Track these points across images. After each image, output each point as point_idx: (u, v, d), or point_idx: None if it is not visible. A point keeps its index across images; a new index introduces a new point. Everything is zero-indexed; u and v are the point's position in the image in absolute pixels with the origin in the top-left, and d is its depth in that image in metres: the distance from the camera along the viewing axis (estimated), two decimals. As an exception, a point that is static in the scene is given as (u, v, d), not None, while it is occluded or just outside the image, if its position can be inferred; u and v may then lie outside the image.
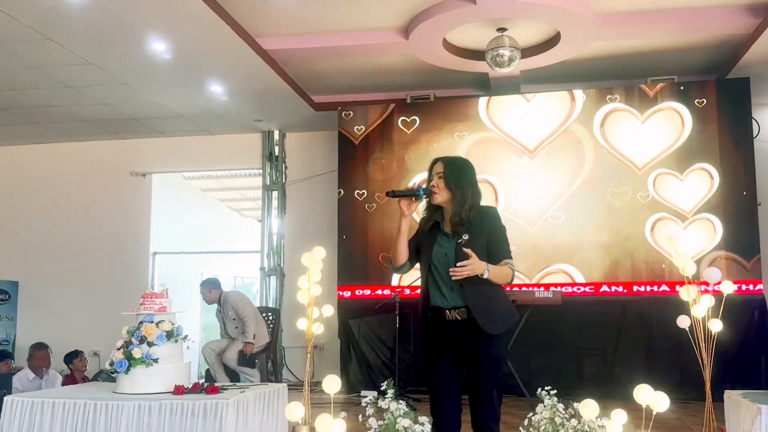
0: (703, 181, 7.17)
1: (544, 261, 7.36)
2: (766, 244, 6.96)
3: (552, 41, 6.83)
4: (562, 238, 7.35)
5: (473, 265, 3.15)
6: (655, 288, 7.08)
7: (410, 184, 7.53)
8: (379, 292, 7.63)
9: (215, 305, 7.65)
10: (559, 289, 6.84)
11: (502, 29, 6.59)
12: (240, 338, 7.37)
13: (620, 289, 7.15)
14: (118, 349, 4.33)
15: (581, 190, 7.41)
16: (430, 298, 3.33)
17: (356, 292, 7.73)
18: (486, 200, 3.46)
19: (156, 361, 4.26)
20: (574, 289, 7.19)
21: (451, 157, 3.52)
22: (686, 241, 6.88)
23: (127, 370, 4.25)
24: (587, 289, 7.19)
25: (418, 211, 3.44)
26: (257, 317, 7.58)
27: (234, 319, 7.44)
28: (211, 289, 7.59)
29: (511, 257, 3.34)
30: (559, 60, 7.13)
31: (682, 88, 7.33)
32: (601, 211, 7.33)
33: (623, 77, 7.59)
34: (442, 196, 3.34)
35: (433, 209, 3.40)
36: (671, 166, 7.24)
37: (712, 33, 6.62)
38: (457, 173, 3.37)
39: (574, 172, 7.45)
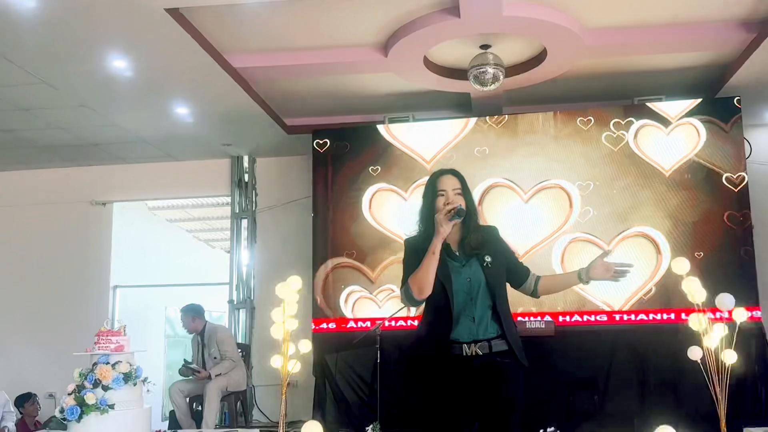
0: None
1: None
2: (762, 272, 6.64)
3: (537, 59, 6.53)
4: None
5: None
6: (658, 316, 6.69)
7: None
8: (359, 324, 7.15)
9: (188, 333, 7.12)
10: (551, 319, 6.44)
11: (485, 46, 6.28)
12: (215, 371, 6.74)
13: (616, 318, 6.74)
14: (69, 394, 3.86)
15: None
16: (450, 330, 2.84)
17: (331, 325, 7.25)
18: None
19: (112, 407, 3.80)
20: (567, 318, 6.77)
21: (456, 170, 3.05)
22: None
23: (80, 417, 3.79)
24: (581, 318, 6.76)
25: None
26: (239, 362, 7.02)
27: (215, 358, 6.87)
28: (194, 318, 7.01)
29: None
30: (544, 79, 6.81)
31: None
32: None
33: (608, 98, 7.28)
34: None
35: (433, 231, 2.86)
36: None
37: (702, 49, 6.35)
38: (469, 188, 3.01)
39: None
